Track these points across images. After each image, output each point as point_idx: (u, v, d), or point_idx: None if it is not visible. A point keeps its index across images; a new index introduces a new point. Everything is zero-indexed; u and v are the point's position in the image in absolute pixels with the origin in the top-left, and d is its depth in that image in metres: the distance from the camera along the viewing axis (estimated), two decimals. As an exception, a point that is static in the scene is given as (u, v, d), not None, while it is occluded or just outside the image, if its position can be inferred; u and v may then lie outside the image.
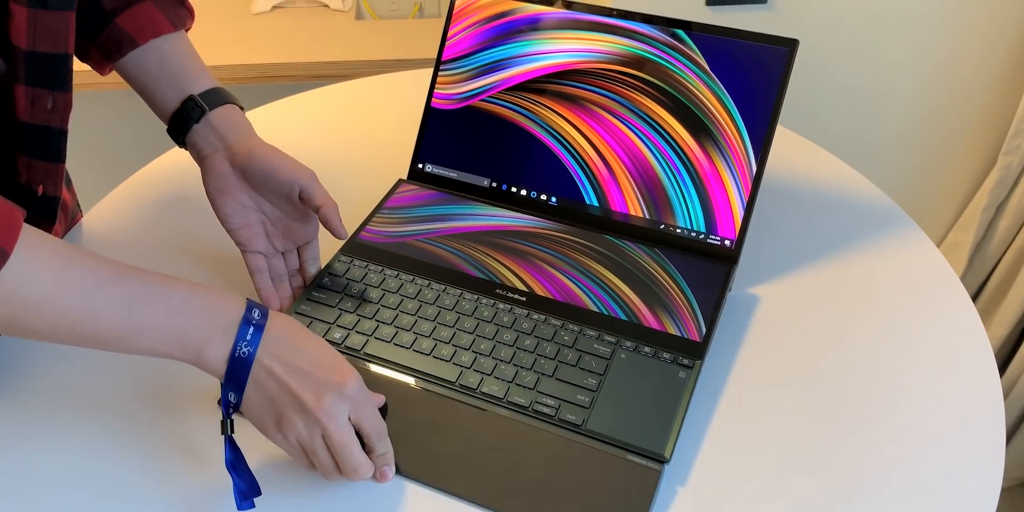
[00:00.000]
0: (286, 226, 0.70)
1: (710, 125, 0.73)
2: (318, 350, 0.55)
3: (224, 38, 1.40)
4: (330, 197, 0.68)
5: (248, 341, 0.52)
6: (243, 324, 0.52)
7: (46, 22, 0.57)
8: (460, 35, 0.80)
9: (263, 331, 0.53)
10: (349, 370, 0.55)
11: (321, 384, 0.53)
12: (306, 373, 0.53)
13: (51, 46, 0.58)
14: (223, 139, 0.69)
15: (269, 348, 0.53)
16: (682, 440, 0.62)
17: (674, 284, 0.71)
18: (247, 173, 0.68)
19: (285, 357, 0.53)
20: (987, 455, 0.61)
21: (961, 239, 1.49)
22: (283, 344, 0.53)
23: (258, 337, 0.52)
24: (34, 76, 0.59)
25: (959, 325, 0.72)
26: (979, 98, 1.32)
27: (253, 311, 0.53)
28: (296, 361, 0.53)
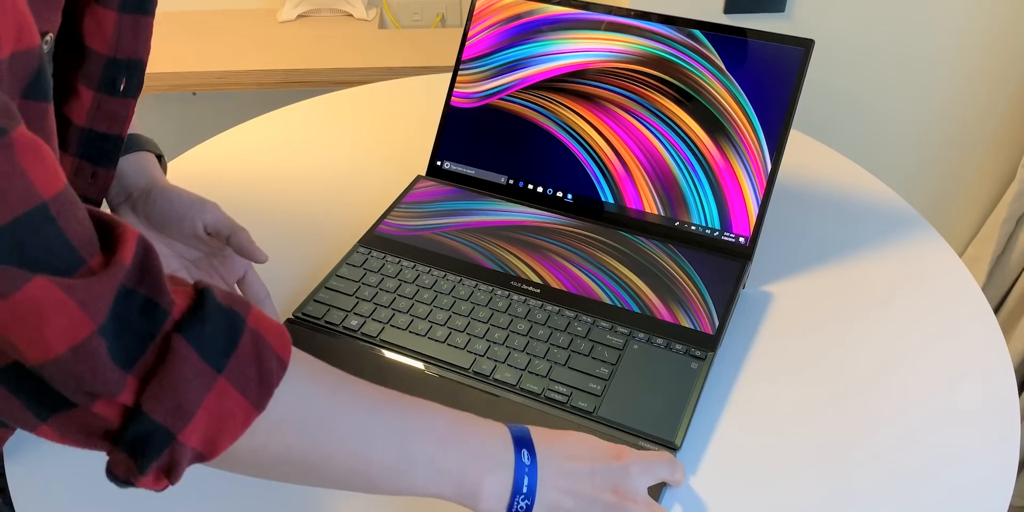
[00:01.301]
0: (209, 266, 0.67)
1: (726, 124, 0.74)
2: (582, 443, 0.52)
3: (250, 45, 1.43)
4: (236, 223, 0.65)
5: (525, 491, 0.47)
6: (517, 465, 0.48)
7: (110, 106, 0.57)
8: (480, 35, 0.82)
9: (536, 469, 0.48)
10: (617, 447, 0.53)
11: (608, 475, 0.50)
12: (589, 473, 0.50)
13: (108, 127, 0.58)
14: (125, 189, 0.65)
15: (547, 470, 0.48)
16: (693, 431, 0.62)
17: (688, 279, 0.72)
18: (148, 216, 0.64)
19: (565, 467, 0.49)
20: (999, 457, 0.61)
21: (981, 253, 1.48)
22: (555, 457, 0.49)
23: (534, 479, 0.48)
24: (83, 150, 0.58)
25: (975, 328, 0.72)
26: (998, 110, 1.32)
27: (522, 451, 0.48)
28: (576, 466, 0.50)
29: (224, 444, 0.39)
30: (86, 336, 0.35)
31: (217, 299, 0.40)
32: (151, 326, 0.37)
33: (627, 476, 0.51)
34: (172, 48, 1.42)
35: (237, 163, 0.91)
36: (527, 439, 0.49)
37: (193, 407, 0.38)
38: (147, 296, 0.37)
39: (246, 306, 0.41)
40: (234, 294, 0.42)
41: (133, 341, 0.37)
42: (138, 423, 0.37)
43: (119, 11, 0.53)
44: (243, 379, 0.39)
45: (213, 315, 0.39)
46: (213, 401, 0.38)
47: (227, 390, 0.39)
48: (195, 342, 0.38)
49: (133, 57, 0.56)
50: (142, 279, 0.37)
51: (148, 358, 0.37)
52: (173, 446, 0.38)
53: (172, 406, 0.37)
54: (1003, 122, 1.33)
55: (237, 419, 0.39)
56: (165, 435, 0.37)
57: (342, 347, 0.67)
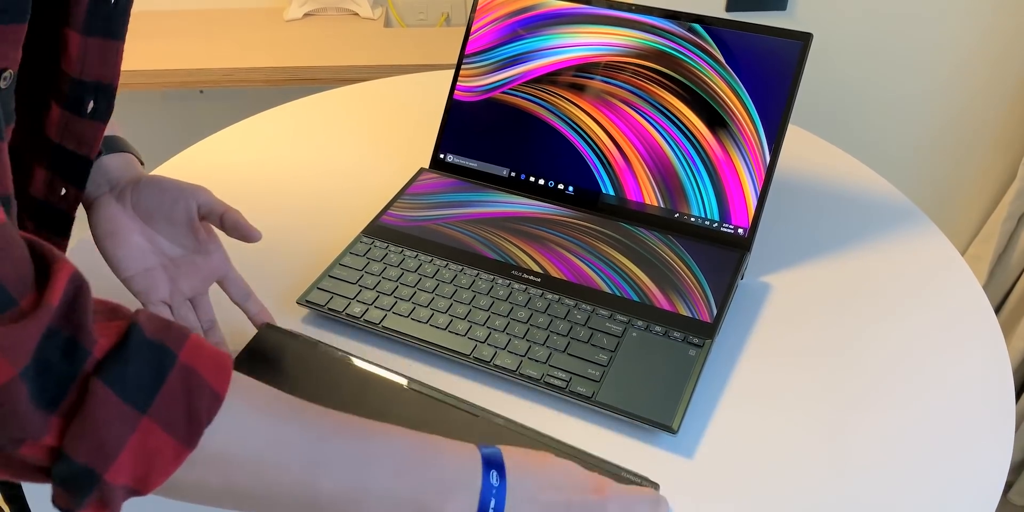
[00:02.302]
0: (190, 264, 0.64)
1: (725, 116, 0.75)
2: (560, 472, 0.49)
3: (257, 43, 1.45)
4: (228, 205, 0.64)
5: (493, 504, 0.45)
6: (484, 487, 0.45)
7: (76, 127, 0.55)
8: (483, 29, 0.83)
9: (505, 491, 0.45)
10: (598, 478, 0.50)
11: (586, 508, 0.48)
12: (564, 506, 0.47)
13: (76, 146, 0.56)
14: (109, 181, 0.63)
15: (517, 498, 0.46)
16: (690, 416, 0.63)
17: (687, 269, 0.72)
18: (137, 204, 0.62)
19: (538, 497, 0.47)
20: (995, 447, 0.62)
21: (982, 252, 1.48)
22: (528, 485, 0.47)
23: (502, 500, 0.45)
24: (55, 165, 0.57)
25: (972, 320, 0.72)
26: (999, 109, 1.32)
27: (491, 472, 0.46)
28: (551, 497, 0.47)
29: (156, 481, 0.39)
30: (7, 380, 0.34)
31: (146, 335, 0.39)
32: (72, 368, 0.36)
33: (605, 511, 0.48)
34: (179, 46, 1.43)
35: (244, 156, 0.93)
36: (497, 460, 0.47)
37: (116, 448, 0.37)
38: (70, 336, 0.36)
39: (181, 338, 0.40)
40: (172, 324, 0.40)
41: (54, 383, 0.36)
42: (63, 464, 0.36)
43: (83, 34, 0.52)
44: (170, 418, 0.38)
45: (137, 353, 0.38)
46: (138, 442, 0.38)
47: (152, 429, 0.38)
48: (115, 383, 0.37)
49: (101, 81, 0.55)
50: (68, 319, 0.36)
51: (70, 399, 0.36)
52: (100, 484, 0.37)
53: (93, 447, 0.37)
54: (1004, 120, 1.34)
55: (166, 457, 0.39)
56: (90, 475, 0.37)
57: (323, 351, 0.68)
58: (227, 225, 0.63)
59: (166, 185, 0.63)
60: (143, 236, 0.62)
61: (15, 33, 0.41)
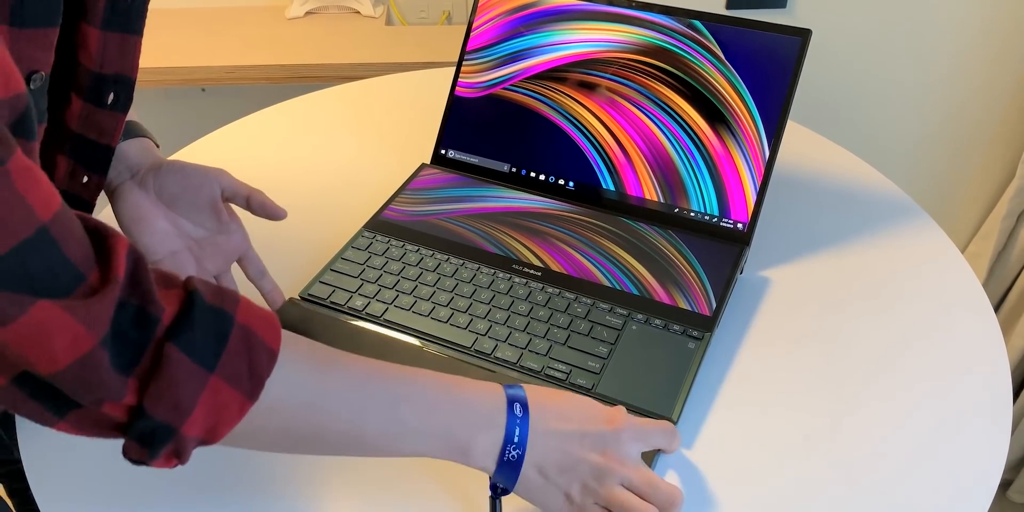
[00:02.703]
0: (213, 244, 0.66)
1: (724, 112, 0.76)
2: (576, 406, 0.53)
3: (259, 41, 1.45)
4: (250, 186, 0.66)
5: (516, 441, 0.49)
6: (509, 419, 0.50)
7: (97, 118, 0.57)
8: (485, 26, 0.84)
9: (528, 423, 0.50)
10: (613, 411, 0.54)
11: (598, 439, 0.51)
12: (579, 435, 0.51)
13: (97, 136, 0.58)
14: (130, 168, 0.65)
15: (537, 429, 0.50)
16: (690, 408, 0.63)
17: (686, 263, 0.73)
18: (160, 190, 0.64)
19: (555, 429, 0.51)
20: (991, 443, 0.62)
21: (982, 249, 1.49)
22: (547, 418, 0.51)
23: (525, 430, 0.50)
24: (76, 154, 0.59)
25: (970, 316, 0.73)
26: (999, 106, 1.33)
27: (514, 405, 0.50)
28: (567, 427, 0.51)
29: (223, 431, 0.43)
30: (89, 349, 0.37)
31: (206, 300, 0.42)
32: (144, 335, 0.40)
33: (618, 441, 0.52)
34: (182, 43, 1.44)
35: (246, 152, 0.93)
36: (520, 396, 0.51)
37: (190, 404, 0.41)
38: (139, 305, 0.40)
39: (235, 301, 0.43)
40: (223, 289, 0.44)
41: (129, 349, 0.39)
42: (143, 420, 0.40)
43: (102, 29, 0.54)
44: (235, 374, 0.42)
45: (201, 318, 0.41)
46: (208, 397, 0.41)
47: (220, 386, 0.42)
48: (185, 347, 0.40)
49: (120, 73, 0.57)
50: (134, 290, 0.39)
51: (145, 363, 0.40)
52: (176, 437, 0.41)
53: (171, 405, 0.40)
54: (1004, 118, 1.34)
55: (232, 410, 0.42)
56: (168, 429, 0.41)
57: (345, 327, 0.69)
58: (253, 206, 0.66)
59: (189, 170, 0.65)
60: (167, 220, 0.64)
61: (47, 36, 0.44)
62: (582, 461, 0.51)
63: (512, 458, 0.49)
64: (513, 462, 0.50)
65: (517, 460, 0.49)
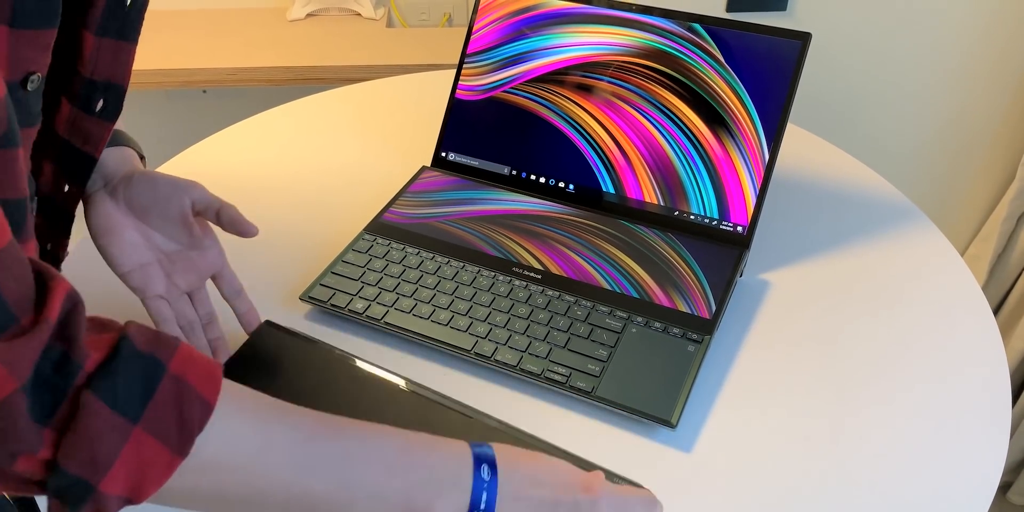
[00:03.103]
0: (185, 259, 0.64)
1: (724, 115, 0.76)
2: (550, 470, 0.48)
3: (260, 43, 1.45)
4: (223, 200, 0.64)
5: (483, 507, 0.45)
6: (475, 483, 0.45)
7: (84, 124, 0.56)
8: (485, 29, 0.84)
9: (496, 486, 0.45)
10: (590, 477, 0.49)
11: (573, 508, 0.47)
12: (552, 504, 0.46)
13: (82, 144, 0.57)
14: (104, 177, 0.63)
15: (506, 494, 0.45)
16: (689, 411, 0.63)
17: (686, 266, 0.73)
18: (130, 201, 0.62)
19: (529, 495, 0.46)
20: (990, 445, 0.62)
21: (982, 251, 1.49)
22: (517, 483, 0.46)
23: (493, 495, 0.45)
24: (61, 161, 0.58)
25: (969, 319, 0.73)
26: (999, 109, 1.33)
27: (482, 467, 0.46)
28: (540, 494, 0.46)
29: (149, 490, 0.39)
30: (9, 393, 0.35)
31: (136, 347, 0.39)
32: (64, 381, 0.37)
33: (596, 510, 0.47)
34: (183, 45, 1.44)
35: (247, 154, 0.93)
36: (489, 457, 0.47)
37: (109, 459, 0.38)
38: (63, 351, 0.37)
39: (170, 349, 0.41)
40: (162, 336, 0.41)
41: (48, 396, 0.37)
42: (58, 476, 0.37)
43: (97, 35, 0.53)
44: (162, 427, 0.39)
45: (127, 365, 0.39)
46: (131, 452, 0.38)
47: (145, 440, 0.38)
48: (106, 396, 0.38)
49: (111, 80, 0.56)
50: (62, 334, 0.37)
51: (63, 413, 0.37)
52: (95, 496, 0.38)
53: (87, 459, 0.37)
54: (1004, 120, 1.34)
55: (159, 466, 0.39)
56: (85, 486, 0.38)
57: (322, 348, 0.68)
58: (223, 221, 0.63)
59: (159, 181, 0.63)
60: (138, 232, 0.62)
61: (45, 38, 0.42)
62: None
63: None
64: None
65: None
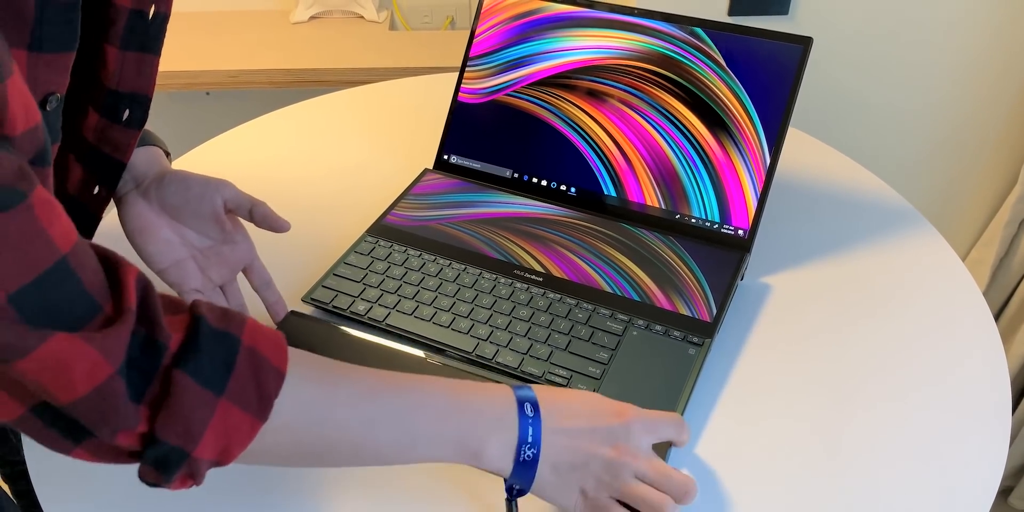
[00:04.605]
0: (218, 254, 0.67)
1: (726, 119, 0.76)
2: (585, 402, 0.53)
3: (263, 45, 1.46)
4: (254, 197, 0.66)
5: (531, 440, 0.50)
6: (521, 420, 0.50)
7: (111, 133, 0.59)
8: (487, 33, 0.84)
9: (539, 419, 0.50)
10: (621, 405, 0.54)
11: (608, 434, 0.52)
12: (589, 431, 0.51)
13: (111, 151, 0.60)
14: (135, 178, 0.66)
15: (549, 428, 0.51)
16: (690, 414, 0.64)
17: (687, 269, 0.73)
18: (163, 201, 0.64)
19: (565, 427, 0.51)
20: (990, 449, 0.62)
21: (984, 256, 1.49)
22: (557, 417, 0.51)
23: (538, 429, 0.50)
24: (90, 165, 0.60)
25: (970, 324, 0.73)
26: (1001, 113, 1.33)
27: (525, 405, 0.51)
28: (577, 424, 0.51)
29: (236, 452, 0.43)
30: (107, 378, 0.38)
31: (211, 324, 0.42)
32: (153, 362, 0.40)
33: (628, 434, 0.52)
34: (186, 47, 1.44)
35: (249, 157, 0.94)
36: (531, 397, 0.51)
37: (200, 429, 0.41)
38: (147, 334, 0.40)
39: (241, 323, 0.44)
40: (229, 312, 0.44)
41: (140, 377, 0.40)
42: (155, 447, 0.41)
43: (121, 49, 0.55)
44: (243, 397, 0.43)
45: (207, 344, 0.42)
46: (218, 421, 0.42)
47: (230, 409, 0.42)
48: (193, 373, 0.41)
49: (136, 92, 0.58)
50: (143, 318, 0.40)
51: (155, 390, 0.41)
52: (189, 461, 0.42)
53: (182, 431, 0.41)
54: (1006, 124, 1.34)
55: (243, 431, 0.43)
56: (180, 454, 0.42)
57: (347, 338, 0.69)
58: (256, 217, 0.66)
59: (191, 181, 0.65)
60: (171, 230, 0.65)
61: (64, 60, 0.45)
62: (594, 456, 0.51)
63: (528, 458, 0.50)
64: (529, 462, 0.50)
65: (532, 460, 0.50)
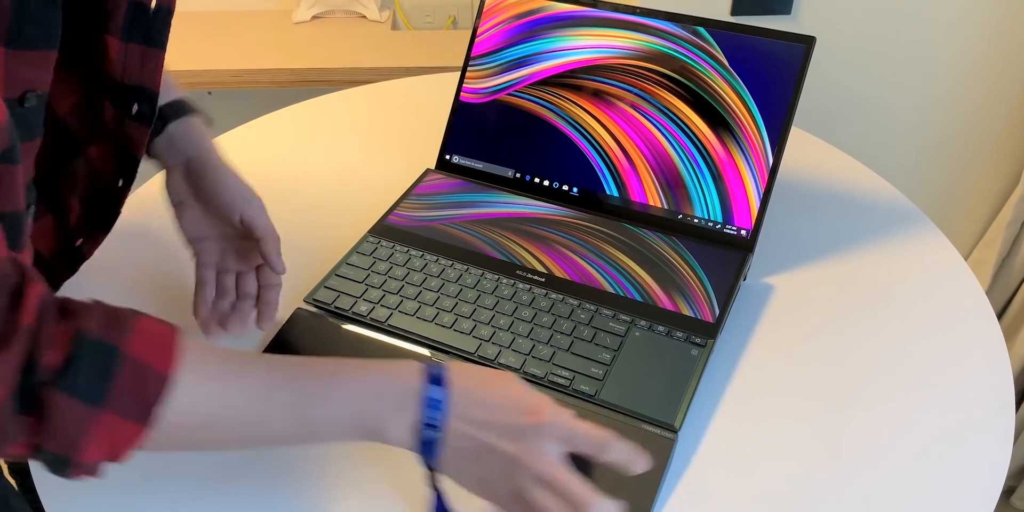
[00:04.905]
0: (237, 244, 0.70)
1: (728, 119, 0.76)
2: (503, 394, 0.51)
3: (265, 45, 1.46)
4: (272, 228, 0.68)
5: (432, 420, 0.49)
6: (423, 402, 0.49)
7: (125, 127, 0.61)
8: (489, 32, 0.84)
9: (445, 401, 0.49)
10: (539, 402, 0.51)
11: (515, 431, 0.49)
12: (497, 424, 0.49)
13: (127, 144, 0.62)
14: (181, 153, 0.69)
15: (454, 413, 0.49)
16: (693, 414, 0.63)
17: (690, 269, 0.73)
18: (196, 192, 0.68)
19: (472, 415, 0.49)
20: (994, 449, 0.62)
21: (986, 256, 1.48)
22: (466, 403, 0.50)
23: (441, 412, 0.49)
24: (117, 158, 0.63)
25: (974, 324, 0.73)
26: (1003, 113, 1.33)
27: (429, 387, 0.49)
28: (484, 415, 0.49)
29: (123, 452, 0.44)
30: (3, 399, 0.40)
31: (91, 337, 0.42)
32: (33, 381, 0.41)
33: (538, 435, 0.49)
34: (189, 47, 1.44)
35: (251, 156, 0.94)
36: (440, 376, 0.50)
37: (81, 439, 0.42)
38: (30, 353, 0.41)
39: (125, 330, 0.43)
40: (119, 315, 0.44)
41: (22, 395, 0.41)
42: (43, 454, 0.43)
43: (123, 40, 0.56)
44: (124, 405, 0.43)
45: (85, 358, 0.42)
46: (99, 430, 0.42)
47: (110, 419, 0.43)
48: (70, 389, 0.41)
49: (143, 86, 0.59)
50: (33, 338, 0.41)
51: (36, 406, 0.41)
52: (76, 463, 0.43)
53: (63, 442, 0.42)
54: (1009, 123, 1.34)
55: (127, 436, 0.44)
56: (66, 460, 0.43)
57: (350, 333, 0.69)
58: (260, 249, 0.68)
59: (224, 185, 0.68)
60: (201, 212, 0.69)
61: (45, 59, 0.45)
62: (494, 451, 0.49)
63: (429, 439, 0.49)
64: (430, 443, 0.49)
65: (434, 441, 0.49)
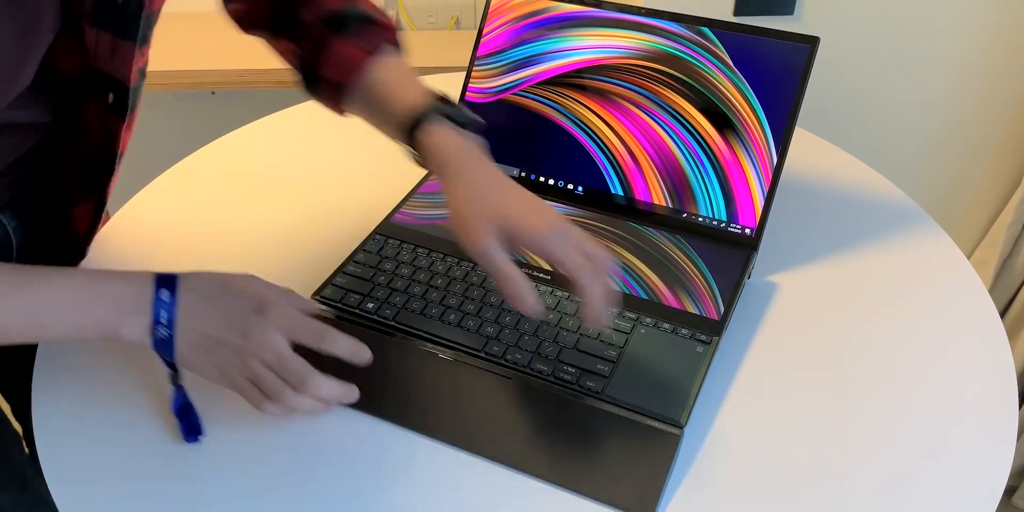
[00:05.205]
0: None
1: (733, 118, 0.76)
2: (234, 293, 0.57)
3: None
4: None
5: (163, 319, 0.55)
6: (155, 304, 0.55)
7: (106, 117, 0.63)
8: (495, 32, 0.84)
9: (176, 305, 0.56)
10: (268, 294, 0.57)
11: (241, 321, 0.56)
12: (225, 319, 0.56)
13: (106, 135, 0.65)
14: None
15: (186, 313, 0.56)
16: (697, 411, 0.64)
17: (694, 267, 0.73)
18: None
19: (201, 313, 0.56)
20: (996, 448, 0.62)
21: (988, 256, 1.49)
22: (195, 301, 0.56)
23: (173, 313, 0.56)
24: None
25: (977, 323, 0.73)
26: (1006, 113, 1.33)
27: (161, 291, 0.56)
28: (214, 314, 0.56)
29: None
30: None
31: None
32: None
33: (262, 327, 0.55)
34: (192, 47, 1.45)
35: (256, 156, 0.94)
36: (171, 282, 0.56)
37: None
38: None
39: None
40: None
41: None
42: None
43: (92, 26, 0.57)
44: None
45: None
46: None
47: None
48: None
49: (113, 76, 0.59)
50: None
51: None
52: None
53: None
54: (1011, 124, 1.35)
55: None
56: None
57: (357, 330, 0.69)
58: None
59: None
60: None
61: None
62: (222, 343, 0.56)
63: (163, 337, 0.55)
64: (165, 340, 0.56)
65: (168, 339, 0.55)
